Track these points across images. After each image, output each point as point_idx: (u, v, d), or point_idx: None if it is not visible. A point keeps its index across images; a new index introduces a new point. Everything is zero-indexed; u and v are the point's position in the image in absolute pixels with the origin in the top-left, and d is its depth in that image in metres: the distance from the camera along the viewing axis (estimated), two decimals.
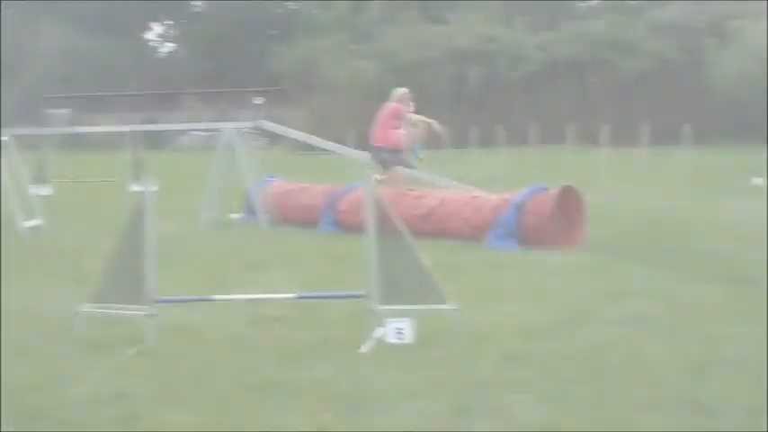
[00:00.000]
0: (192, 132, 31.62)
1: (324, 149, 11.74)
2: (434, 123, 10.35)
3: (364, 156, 10.56)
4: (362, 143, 11.02)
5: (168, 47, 51.37)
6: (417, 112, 10.53)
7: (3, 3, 34.92)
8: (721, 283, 6.11)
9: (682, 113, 21.71)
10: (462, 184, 10.47)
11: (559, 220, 8.10)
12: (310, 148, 13.06)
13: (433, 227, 8.52)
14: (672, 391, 3.74)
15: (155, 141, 25.92)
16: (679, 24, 27.31)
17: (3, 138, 9.80)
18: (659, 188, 12.68)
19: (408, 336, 4.67)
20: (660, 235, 8.39)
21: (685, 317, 5.11)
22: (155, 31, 51.17)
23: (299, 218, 9.93)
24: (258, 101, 38.16)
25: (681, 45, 26.93)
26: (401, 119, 10.14)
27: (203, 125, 25.72)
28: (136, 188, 9.80)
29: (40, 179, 10.92)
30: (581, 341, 4.62)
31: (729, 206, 10.61)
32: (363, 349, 4.55)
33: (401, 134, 10.15)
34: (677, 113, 22.64)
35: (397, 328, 4.68)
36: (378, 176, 10.08)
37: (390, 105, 10.23)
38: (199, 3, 49.61)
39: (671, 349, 4.42)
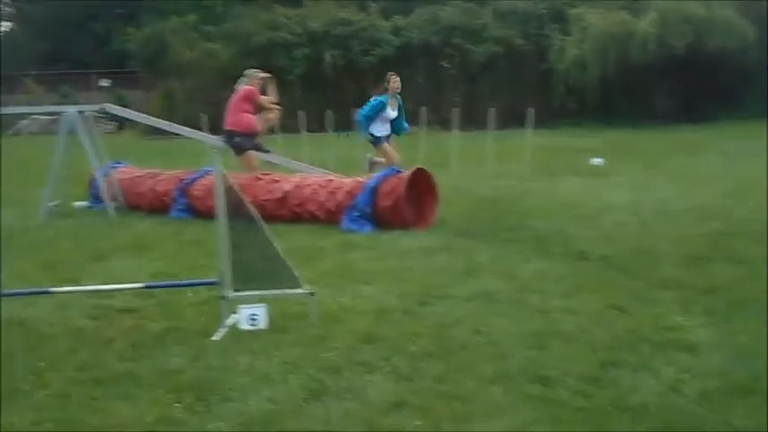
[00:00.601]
0: (33, 117, 29.80)
1: (175, 133, 11.38)
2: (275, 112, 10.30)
3: (216, 140, 10.33)
4: (217, 127, 10.76)
5: (4, 26, 48.07)
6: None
7: None
8: (560, 258, 6.46)
9: (527, 97, 22.67)
10: (318, 168, 10.48)
11: (412, 202, 8.28)
12: (161, 132, 12.64)
13: (289, 211, 8.49)
14: (514, 363, 3.94)
15: None
16: (523, 11, 28.45)
17: None
18: (505, 170, 13.20)
19: (262, 322, 4.64)
20: (505, 215, 8.72)
21: (527, 292, 5.37)
22: None
23: (149, 205, 9.60)
24: (105, 83, 36.48)
25: (525, 32, 28.07)
26: (254, 102, 9.99)
27: (44, 108, 24.30)
28: None
29: None
30: (431, 319, 4.76)
31: (570, 186, 11.19)
32: (216, 337, 4.49)
33: (254, 118, 10.00)
34: (522, 97, 23.62)
35: (251, 315, 4.64)
36: (375, 157, 11.02)
37: (243, 88, 10.05)
38: None
39: (514, 323, 4.64)
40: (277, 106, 10.33)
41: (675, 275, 5.70)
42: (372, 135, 10.69)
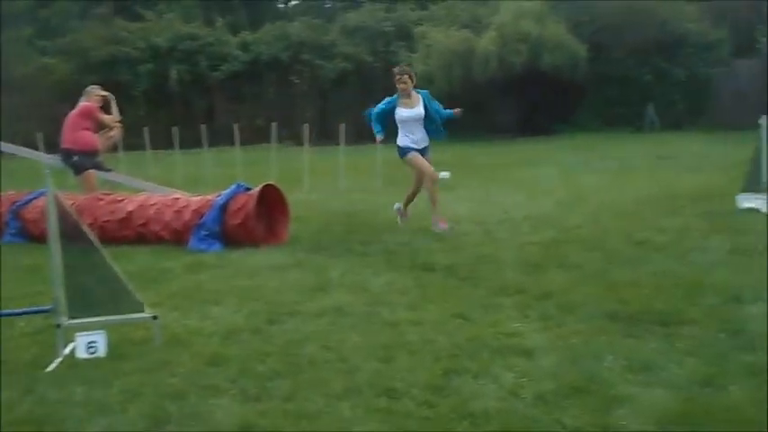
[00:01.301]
0: None
1: (7, 152, 10.71)
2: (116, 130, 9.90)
3: (51, 159, 9.81)
4: (55, 145, 10.21)
5: None
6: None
7: None
8: (408, 271, 6.60)
9: None
10: (163, 187, 10.18)
11: (262, 220, 8.21)
12: None
13: (133, 232, 8.20)
14: (363, 377, 3.97)
15: None
16: (370, 29, 28.97)
17: None
18: (358, 184, 13.35)
19: (101, 349, 4.44)
20: (358, 229, 8.83)
21: (377, 305, 5.44)
22: None
23: None
24: None
25: (373, 48, 28.58)
26: (93, 119, 9.58)
27: None
28: None
29: None
30: (280, 337, 4.73)
31: (418, 199, 11.43)
32: (50, 368, 4.25)
33: (93, 136, 9.59)
34: None
35: (89, 342, 4.43)
36: (399, 205, 9.12)
37: (81, 105, 9.62)
38: None
39: (364, 337, 4.69)
40: (118, 123, 9.96)
41: (514, 282, 5.96)
42: (397, 145, 8.86)
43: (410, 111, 8.60)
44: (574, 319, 4.98)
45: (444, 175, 14.54)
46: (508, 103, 26.56)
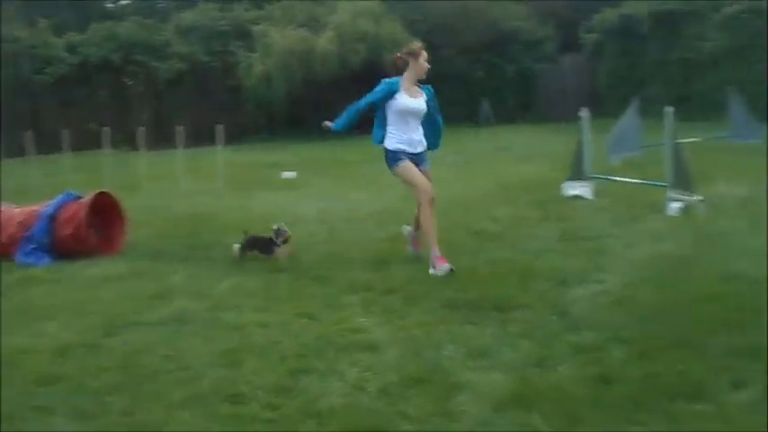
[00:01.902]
0: None
1: None
2: None
3: None
4: None
5: None
6: None
7: None
8: (254, 272, 6.51)
9: (216, 114, 22.58)
10: None
11: (97, 229, 7.84)
12: None
13: None
14: (206, 384, 3.89)
15: None
16: (205, 28, 28.32)
17: None
18: (200, 187, 13.04)
19: None
20: (201, 233, 8.62)
21: (221, 310, 5.35)
22: None
23: None
24: None
25: (210, 48, 27.97)
26: None
27: None
28: None
29: None
30: (118, 351, 4.54)
31: (263, 200, 11.37)
32: None
33: None
34: (212, 114, 23.48)
35: None
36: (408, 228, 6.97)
37: None
38: None
39: (207, 343, 4.59)
40: None
41: (361, 278, 6.03)
42: (384, 150, 6.57)
43: (415, 101, 6.42)
44: (417, 310, 5.11)
45: (289, 174, 14.51)
46: (350, 101, 26.70)
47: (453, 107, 27.50)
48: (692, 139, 11.68)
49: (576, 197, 9.45)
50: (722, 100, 15.31)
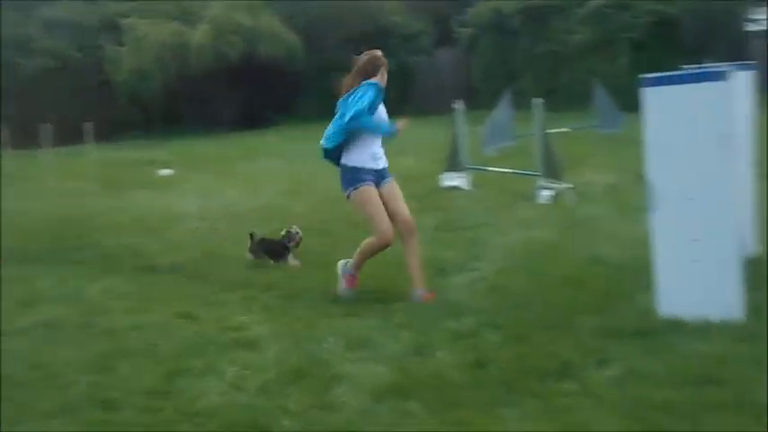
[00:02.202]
0: None
1: None
2: None
3: None
4: None
5: None
6: None
7: None
8: (130, 274, 6.34)
9: (87, 111, 21.64)
10: None
11: None
12: None
13: None
14: (77, 392, 3.76)
15: None
16: (72, 22, 27.09)
17: None
18: (71, 188, 12.51)
19: None
20: (72, 235, 8.28)
21: (94, 314, 5.17)
22: None
23: None
24: None
25: (79, 43, 26.78)
26: None
27: None
28: None
29: None
30: None
31: (139, 199, 11.03)
32: None
33: None
34: (82, 111, 22.49)
35: None
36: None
37: None
38: None
39: (78, 350, 4.43)
40: None
41: (240, 276, 5.97)
42: (344, 168, 5.26)
43: (384, 112, 5.42)
44: (298, 306, 5.11)
45: (166, 172, 14.13)
46: (228, 95, 26.33)
47: (334, 100, 27.66)
48: (561, 130, 12.16)
49: (454, 188, 9.67)
50: (588, 91, 16.03)
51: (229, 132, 24.03)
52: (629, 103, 4.13)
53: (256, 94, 26.23)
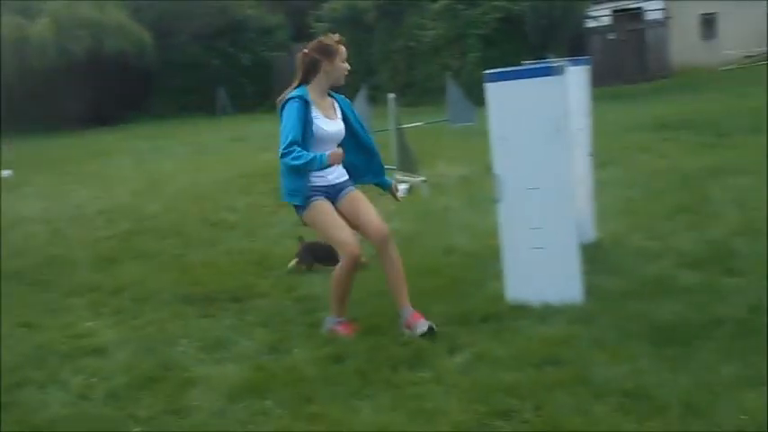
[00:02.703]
0: None
1: None
2: None
3: None
4: None
5: None
6: None
7: None
8: None
9: None
10: None
11: None
12: None
13: None
14: None
15: None
16: None
17: None
18: None
19: None
20: None
21: None
22: None
23: None
24: None
25: None
26: None
27: None
28: None
29: None
30: None
31: None
32: None
33: None
34: None
35: None
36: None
37: None
38: None
39: None
40: None
41: (87, 280, 5.71)
42: (288, 189, 4.36)
43: (333, 123, 4.39)
44: (149, 308, 4.95)
45: (6, 173, 13.30)
46: (74, 92, 25.07)
47: (188, 96, 26.92)
48: (416, 124, 12.40)
49: None
50: (443, 86, 16.44)
51: (77, 131, 22.92)
52: (482, 97, 4.29)
53: (105, 91, 25.16)
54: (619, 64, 24.04)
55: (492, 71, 4.44)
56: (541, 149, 4.31)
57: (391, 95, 8.74)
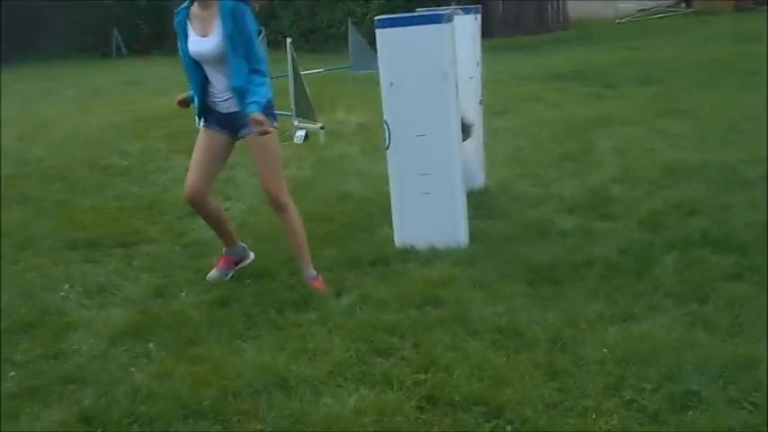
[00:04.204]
0: None
1: None
2: None
3: None
4: None
5: None
6: None
7: None
8: None
9: None
10: None
11: None
12: None
13: None
14: None
15: None
16: None
17: None
18: None
19: None
20: None
21: None
22: None
23: None
24: None
25: None
26: None
27: None
28: None
29: None
30: None
31: None
32: None
33: None
34: None
35: None
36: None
37: None
38: None
39: None
40: None
41: None
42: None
43: (202, 41, 3.89)
44: (30, 254, 4.81)
45: None
46: None
47: (81, 36, 25.75)
48: (316, 71, 12.27)
49: None
50: (345, 32, 16.28)
51: None
52: None
53: None
54: (519, 15, 24.40)
55: (382, 17, 4.45)
56: (429, 97, 4.38)
57: (289, 40, 8.61)
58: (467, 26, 5.42)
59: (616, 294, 3.59)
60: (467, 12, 5.48)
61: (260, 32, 4.42)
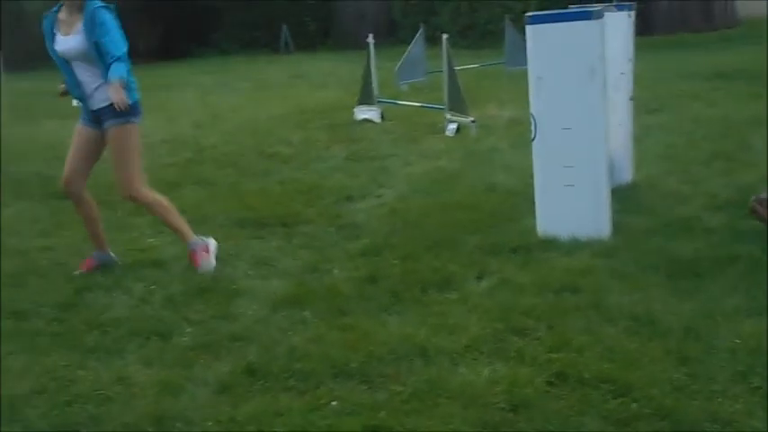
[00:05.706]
0: None
1: None
2: None
3: None
4: None
5: None
6: None
7: None
8: (40, 199, 6.43)
9: None
10: None
11: None
12: None
13: None
14: None
15: None
16: None
17: None
18: None
19: None
20: None
21: (5, 236, 5.28)
22: None
23: None
24: None
25: None
26: None
27: None
28: None
29: None
30: None
31: (51, 128, 10.88)
32: None
33: None
34: None
35: None
36: None
37: None
38: None
39: None
40: None
41: None
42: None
43: (65, 40, 4.34)
44: (205, 229, 5.31)
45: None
46: (143, 26, 25.64)
47: (253, 33, 27.21)
48: (471, 66, 12.48)
49: (366, 120, 9.92)
50: (503, 29, 16.34)
51: (144, 64, 23.47)
52: None
53: (173, 25, 25.65)
54: (684, 13, 23.37)
55: (533, 14, 4.61)
56: (576, 91, 4.49)
57: (444, 36, 8.87)
58: (620, 22, 5.45)
59: (756, 290, 3.59)
60: (620, 8, 5.51)
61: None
